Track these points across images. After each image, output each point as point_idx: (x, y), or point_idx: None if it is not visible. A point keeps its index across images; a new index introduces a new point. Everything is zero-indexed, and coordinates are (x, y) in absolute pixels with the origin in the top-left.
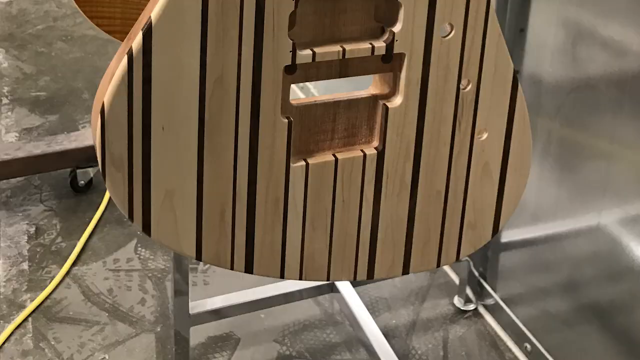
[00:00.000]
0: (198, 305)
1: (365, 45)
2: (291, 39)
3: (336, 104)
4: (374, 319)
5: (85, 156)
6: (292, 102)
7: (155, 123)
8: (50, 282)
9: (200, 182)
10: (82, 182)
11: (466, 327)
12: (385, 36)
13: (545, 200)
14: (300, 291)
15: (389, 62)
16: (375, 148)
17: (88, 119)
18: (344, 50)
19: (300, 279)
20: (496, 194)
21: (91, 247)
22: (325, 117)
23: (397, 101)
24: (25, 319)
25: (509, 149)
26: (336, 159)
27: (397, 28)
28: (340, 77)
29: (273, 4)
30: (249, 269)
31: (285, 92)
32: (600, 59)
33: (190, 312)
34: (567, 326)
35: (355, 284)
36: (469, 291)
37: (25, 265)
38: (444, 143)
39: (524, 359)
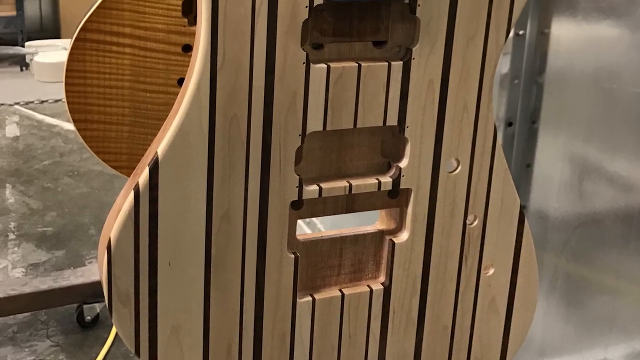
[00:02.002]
0: None
1: (372, 180)
2: (298, 174)
3: (343, 239)
4: None
5: (91, 291)
6: (299, 237)
7: (162, 258)
8: None
9: (207, 317)
10: (89, 317)
11: None
12: (392, 171)
13: (552, 335)
14: None
15: (396, 197)
16: (382, 283)
17: (94, 254)
18: (350, 185)
19: None
20: (503, 329)
21: None
22: (331, 252)
23: (403, 236)
24: None
25: (516, 284)
26: (343, 295)
27: (403, 163)
28: (346, 212)
29: (280, 139)
30: None
31: (292, 227)
32: (606, 195)
33: None
34: None
35: None
36: None
37: None
38: (451, 278)
39: None
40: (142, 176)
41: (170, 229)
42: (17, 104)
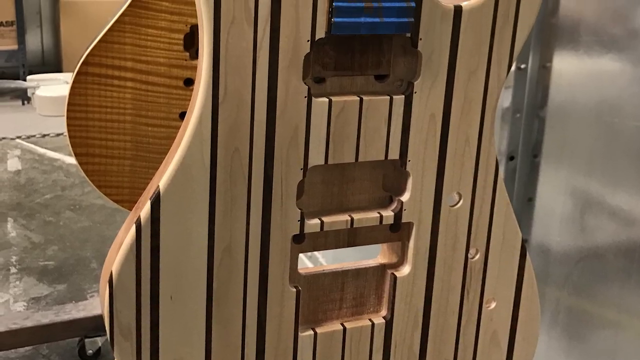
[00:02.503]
0: None
1: (374, 214)
2: (299, 208)
3: (344, 273)
4: None
5: (93, 325)
6: (300, 271)
7: (164, 292)
8: None
9: (209, 351)
10: (91, 351)
11: None
12: (394, 205)
13: None
14: None
15: (397, 231)
16: (384, 317)
17: (96, 288)
18: (352, 219)
19: None
20: None
21: None
22: (333, 286)
23: (405, 270)
24: None
25: (517, 317)
26: (344, 328)
27: (405, 197)
28: (348, 247)
29: (281, 173)
30: None
31: (294, 261)
32: (608, 228)
33: None
34: None
35: None
36: None
37: None
38: (452, 312)
39: None
40: (144, 210)
41: (172, 262)
42: (18, 137)
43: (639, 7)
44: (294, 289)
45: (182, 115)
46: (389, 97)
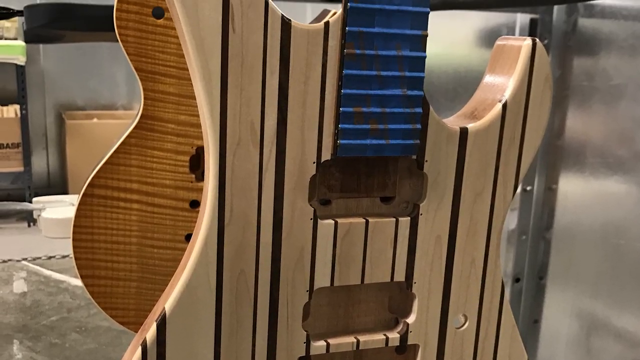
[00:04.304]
0: None
1: (379, 336)
2: (305, 330)
3: None
4: None
5: None
6: None
7: None
8: None
9: None
10: None
11: None
12: (399, 327)
13: None
14: None
15: (403, 352)
16: None
17: None
18: (358, 341)
19: None
20: None
21: None
22: None
23: None
24: None
25: None
26: None
27: (411, 319)
28: None
29: (287, 295)
30: None
31: None
32: (614, 350)
33: None
34: None
35: None
36: None
37: None
38: None
39: None
40: (150, 332)
41: None
42: (24, 259)
43: None
44: None
45: (188, 237)
46: (394, 219)
